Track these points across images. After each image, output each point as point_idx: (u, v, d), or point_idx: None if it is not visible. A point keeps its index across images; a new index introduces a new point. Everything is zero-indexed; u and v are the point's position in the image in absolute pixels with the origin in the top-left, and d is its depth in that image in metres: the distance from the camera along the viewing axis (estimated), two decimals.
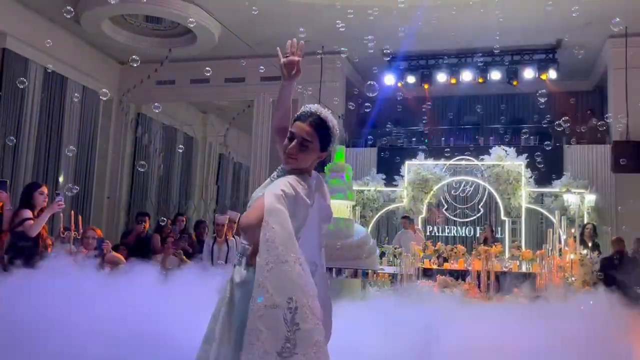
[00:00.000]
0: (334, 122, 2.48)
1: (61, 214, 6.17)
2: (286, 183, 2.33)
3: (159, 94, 12.47)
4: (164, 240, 8.31)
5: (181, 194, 13.75)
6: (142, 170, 10.94)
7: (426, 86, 12.13)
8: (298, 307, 2.13)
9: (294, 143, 2.42)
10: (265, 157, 12.14)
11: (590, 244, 8.78)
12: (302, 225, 2.39)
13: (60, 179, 11.11)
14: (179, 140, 13.72)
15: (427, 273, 8.97)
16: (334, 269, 7.41)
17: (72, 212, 6.27)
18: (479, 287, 8.14)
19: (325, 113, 2.47)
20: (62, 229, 6.52)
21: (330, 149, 2.51)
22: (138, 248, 8.11)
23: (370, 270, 8.25)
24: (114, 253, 7.18)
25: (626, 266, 7.56)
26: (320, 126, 2.43)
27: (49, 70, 8.93)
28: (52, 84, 10.86)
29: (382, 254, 9.27)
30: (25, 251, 5.07)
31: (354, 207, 9.50)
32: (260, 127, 12.22)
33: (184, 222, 9.41)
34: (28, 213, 5.24)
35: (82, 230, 6.64)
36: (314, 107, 2.47)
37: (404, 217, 10.69)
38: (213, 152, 14.90)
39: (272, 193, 2.29)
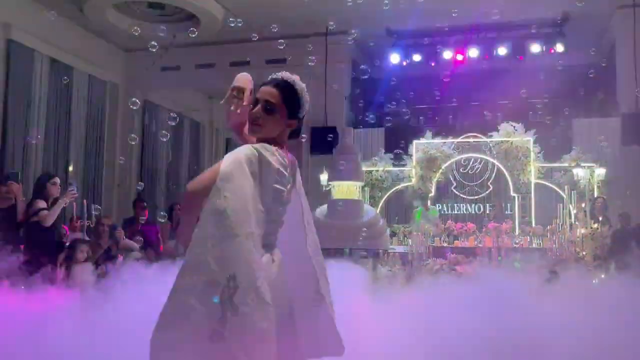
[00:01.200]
0: (301, 86, 2.28)
1: (74, 203, 6.25)
2: (249, 147, 2.10)
3: (165, 80, 12.46)
4: (175, 227, 8.35)
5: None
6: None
7: (432, 64, 12.04)
8: (240, 287, 1.88)
9: (257, 107, 2.21)
10: None
11: (601, 218, 8.76)
12: (279, 201, 2.15)
13: (70, 169, 11.17)
14: (186, 126, 13.73)
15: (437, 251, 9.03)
16: (345, 250, 7.46)
17: (85, 201, 6.34)
18: None
19: (292, 77, 2.28)
20: (75, 218, 6.60)
21: (302, 117, 2.29)
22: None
23: (380, 250, 8.30)
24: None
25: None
26: (285, 89, 2.23)
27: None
28: (58, 74, 10.87)
29: (393, 234, 9.31)
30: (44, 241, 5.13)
31: (362, 187, 9.54)
32: None
33: None
34: (42, 203, 5.31)
35: (94, 219, 6.72)
36: (281, 73, 2.30)
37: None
38: (220, 136, 14.91)
39: (231, 157, 2.06)
